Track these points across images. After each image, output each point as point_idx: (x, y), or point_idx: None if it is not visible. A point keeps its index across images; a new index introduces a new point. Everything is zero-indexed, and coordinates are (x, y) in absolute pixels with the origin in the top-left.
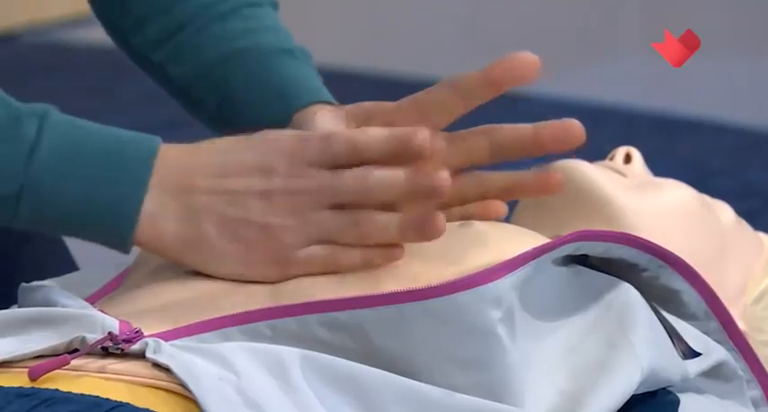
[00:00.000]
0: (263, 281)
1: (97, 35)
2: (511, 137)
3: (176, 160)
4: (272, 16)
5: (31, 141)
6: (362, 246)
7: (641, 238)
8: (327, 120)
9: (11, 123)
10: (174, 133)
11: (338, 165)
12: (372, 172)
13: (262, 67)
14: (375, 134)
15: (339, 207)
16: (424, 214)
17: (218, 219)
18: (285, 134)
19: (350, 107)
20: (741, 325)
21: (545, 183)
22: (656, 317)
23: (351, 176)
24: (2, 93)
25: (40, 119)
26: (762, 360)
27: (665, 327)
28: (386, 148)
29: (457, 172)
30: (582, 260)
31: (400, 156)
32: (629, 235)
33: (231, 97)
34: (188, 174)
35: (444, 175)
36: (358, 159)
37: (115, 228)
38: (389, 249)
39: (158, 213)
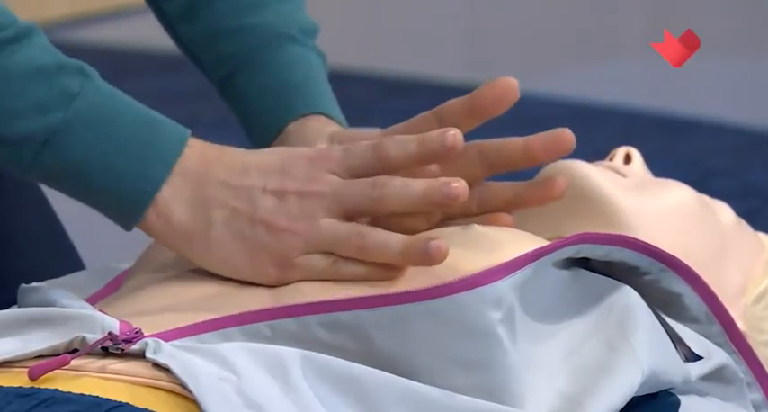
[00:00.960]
0: (260, 282)
1: (97, 35)
2: (501, 152)
3: (201, 152)
4: None
5: (72, 93)
6: (363, 262)
7: (643, 242)
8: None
9: (55, 71)
10: None
11: (359, 173)
12: (389, 180)
13: (265, 58)
14: (403, 138)
15: (349, 219)
16: (426, 242)
17: (226, 214)
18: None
19: (338, 134)
20: (741, 325)
21: (548, 192)
22: (657, 320)
23: (366, 183)
24: (49, 44)
25: (85, 77)
26: (762, 360)
27: (666, 330)
28: (414, 151)
29: None
30: (583, 263)
31: (426, 159)
32: (631, 238)
33: (233, 81)
34: (209, 166)
35: (462, 185)
36: (382, 164)
37: (129, 203)
38: (390, 270)
39: (172, 198)
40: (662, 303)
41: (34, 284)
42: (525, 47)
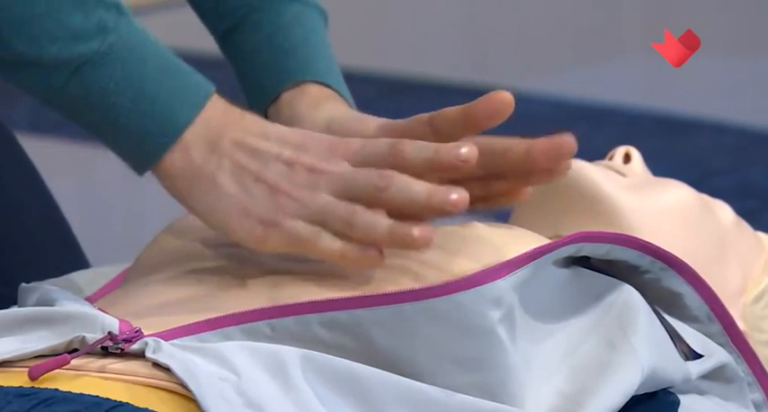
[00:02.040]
0: (242, 238)
1: None
2: (504, 155)
3: (226, 107)
4: None
5: (108, 28)
6: (346, 239)
7: (643, 240)
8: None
9: (94, 2)
10: None
11: (372, 166)
12: (397, 174)
13: (264, 17)
14: (421, 143)
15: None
16: (413, 224)
17: (236, 167)
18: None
19: (335, 122)
20: (741, 324)
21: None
22: (657, 318)
23: (374, 171)
24: None
25: (120, 14)
26: (762, 360)
27: (666, 329)
28: (430, 156)
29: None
30: (583, 261)
31: (439, 168)
32: (631, 237)
33: (233, 38)
34: (231, 121)
35: (462, 196)
36: (396, 161)
37: (149, 143)
38: (368, 250)
39: (192, 141)
40: (662, 302)
41: (34, 283)
42: (525, 47)
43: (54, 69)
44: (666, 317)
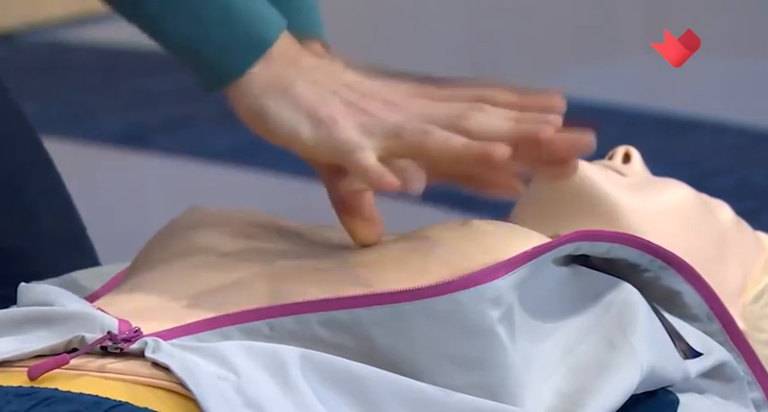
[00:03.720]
0: (302, 143)
1: (97, 35)
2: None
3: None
4: None
5: None
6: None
7: (643, 239)
8: None
9: None
10: (172, 134)
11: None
12: (484, 106)
13: None
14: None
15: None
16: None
17: (314, 82)
18: None
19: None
20: (740, 324)
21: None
22: (656, 317)
23: (461, 104)
24: None
25: None
26: (762, 359)
27: (665, 327)
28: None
29: None
30: (582, 260)
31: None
32: (631, 235)
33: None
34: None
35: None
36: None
37: (241, 52)
38: (490, 146)
39: (276, 57)
40: (662, 301)
41: (34, 283)
42: (525, 47)
43: None
44: (666, 315)
